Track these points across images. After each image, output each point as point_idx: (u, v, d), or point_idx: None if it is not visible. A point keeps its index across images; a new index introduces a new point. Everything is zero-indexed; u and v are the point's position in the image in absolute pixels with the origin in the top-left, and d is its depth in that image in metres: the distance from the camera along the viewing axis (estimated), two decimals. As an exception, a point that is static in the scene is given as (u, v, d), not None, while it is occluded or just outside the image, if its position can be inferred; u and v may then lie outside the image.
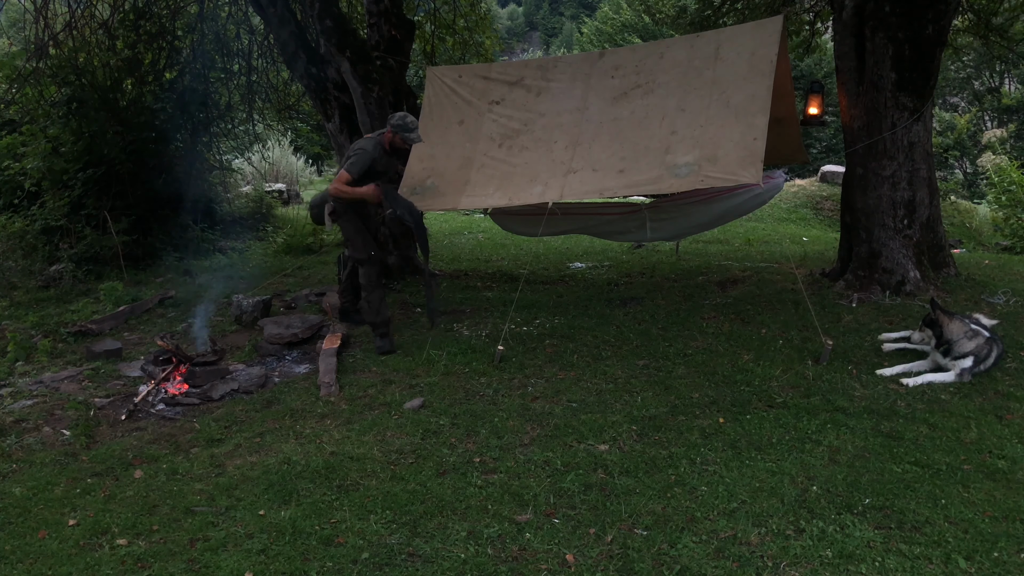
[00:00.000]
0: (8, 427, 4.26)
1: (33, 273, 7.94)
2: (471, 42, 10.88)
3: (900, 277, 5.93)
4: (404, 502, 3.21)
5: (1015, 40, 10.12)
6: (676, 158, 5.37)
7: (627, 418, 3.97)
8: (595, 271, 8.17)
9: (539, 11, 70.33)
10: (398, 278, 7.39)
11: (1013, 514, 2.93)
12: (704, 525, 2.95)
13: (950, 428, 3.68)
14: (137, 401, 4.62)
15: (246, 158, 14.17)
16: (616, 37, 30.90)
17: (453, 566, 2.75)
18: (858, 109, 6.10)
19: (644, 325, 5.57)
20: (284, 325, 5.74)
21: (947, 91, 23.96)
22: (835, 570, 2.63)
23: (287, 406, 4.45)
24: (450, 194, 6.07)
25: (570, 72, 6.26)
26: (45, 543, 3.03)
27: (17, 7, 12.39)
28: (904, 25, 5.75)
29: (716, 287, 6.71)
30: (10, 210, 8.96)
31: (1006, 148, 20.94)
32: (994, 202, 12.45)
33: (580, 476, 3.38)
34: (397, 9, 7.63)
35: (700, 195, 6.02)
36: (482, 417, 4.10)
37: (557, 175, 5.73)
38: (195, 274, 8.44)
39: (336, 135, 7.52)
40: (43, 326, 6.28)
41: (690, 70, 5.75)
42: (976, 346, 4.28)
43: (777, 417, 3.88)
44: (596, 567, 2.72)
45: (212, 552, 2.90)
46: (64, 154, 8.66)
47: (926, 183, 6.08)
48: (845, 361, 4.61)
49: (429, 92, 6.64)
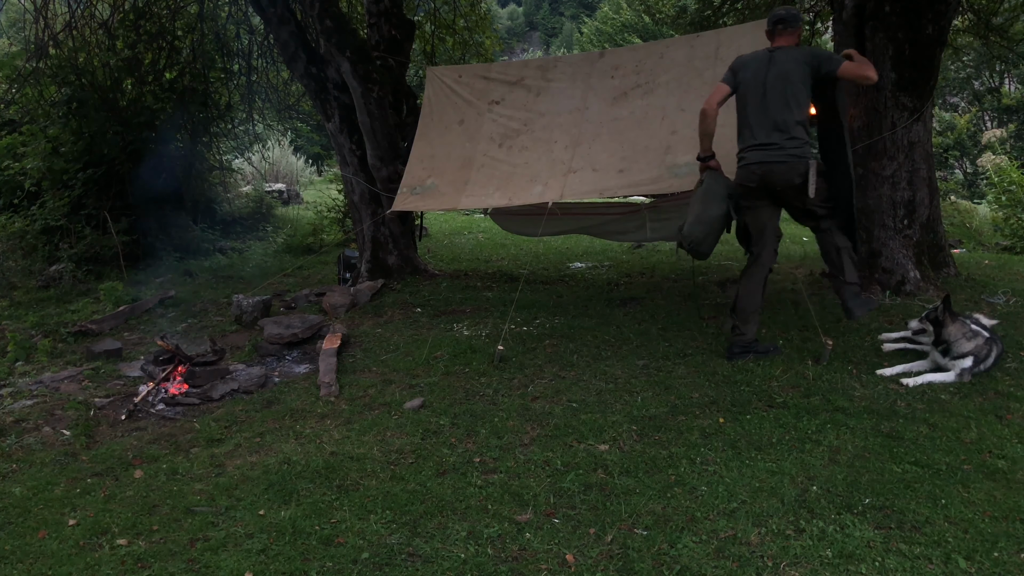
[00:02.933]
0: (8, 427, 4.26)
1: (33, 273, 7.95)
2: (471, 42, 10.89)
3: (900, 277, 5.93)
4: (404, 502, 3.21)
5: (1015, 40, 10.12)
6: (676, 158, 5.38)
7: (627, 418, 3.97)
8: (595, 271, 8.17)
9: (539, 11, 70.33)
10: (398, 278, 7.40)
11: (1013, 514, 2.92)
12: (704, 525, 2.95)
13: (950, 428, 3.68)
14: (137, 401, 4.62)
15: (246, 158, 14.20)
16: (616, 37, 30.92)
17: (453, 566, 2.75)
18: (858, 109, 6.10)
19: (644, 325, 5.57)
20: (284, 325, 5.74)
21: (947, 91, 23.95)
22: (835, 570, 2.63)
23: (287, 406, 4.46)
24: (450, 194, 6.08)
25: (570, 72, 6.28)
26: (45, 543, 3.03)
27: (17, 7, 12.39)
28: (904, 25, 5.75)
29: (716, 287, 6.71)
30: (10, 210, 8.97)
31: (1006, 148, 20.94)
32: (994, 202, 12.44)
33: (580, 476, 3.38)
34: (397, 9, 7.63)
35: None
36: (482, 417, 4.10)
37: (557, 175, 5.74)
38: (195, 274, 8.45)
39: (336, 135, 7.52)
40: (43, 326, 6.28)
41: (690, 70, 5.76)
42: (976, 346, 4.27)
43: (777, 417, 3.88)
44: (596, 567, 2.72)
45: (212, 552, 2.90)
46: (64, 154, 8.67)
47: (926, 183, 6.08)
48: (845, 361, 4.60)
49: (429, 92, 6.65)
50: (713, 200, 4.54)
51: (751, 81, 4.48)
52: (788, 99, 4.38)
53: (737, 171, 4.60)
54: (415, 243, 8.05)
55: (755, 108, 4.45)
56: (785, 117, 4.38)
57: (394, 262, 7.52)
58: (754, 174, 4.47)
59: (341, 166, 7.87)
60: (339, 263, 7.94)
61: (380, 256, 7.48)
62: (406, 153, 6.69)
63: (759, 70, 4.46)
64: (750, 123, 4.48)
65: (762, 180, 4.45)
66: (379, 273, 7.37)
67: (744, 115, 4.53)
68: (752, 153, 4.48)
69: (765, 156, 4.41)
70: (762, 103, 4.42)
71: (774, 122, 4.39)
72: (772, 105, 4.40)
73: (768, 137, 4.40)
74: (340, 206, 11.11)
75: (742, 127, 4.55)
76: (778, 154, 4.38)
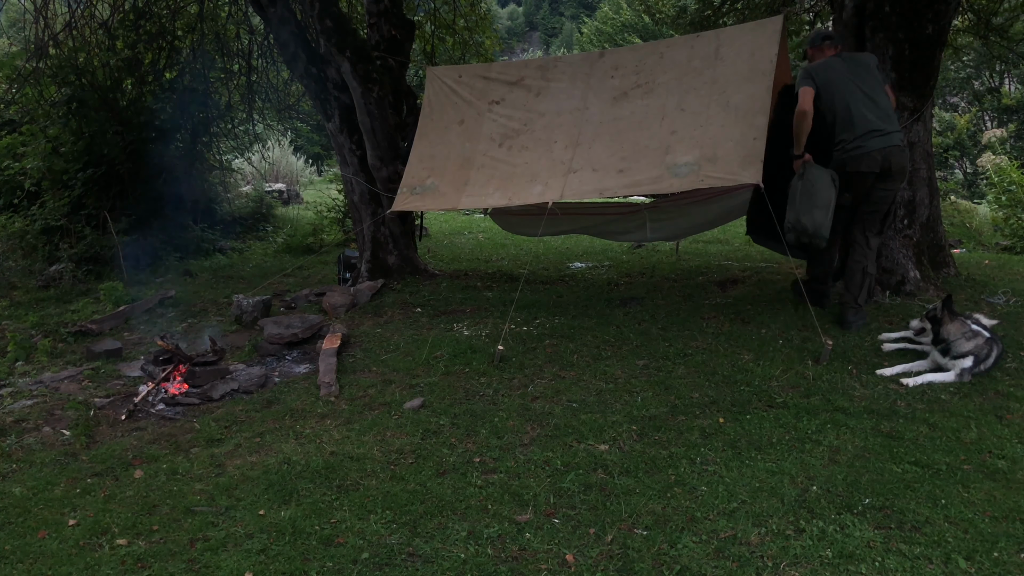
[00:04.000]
0: (8, 427, 4.26)
1: (33, 273, 7.95)
2: (471, 42, 10.89)
3: (900, 277, 5.93)
4: (404, 502, 3.22)
5: (1015, 40, 10.12)
6: (676, 158, 5.37)
7: (627, 418, 3.97)
8: (595, 271, 8.17)
9: (539, 11, 70.34)
10: (398, 278, 7.40)
11: (1013, 514, 2.93)
12: (704, 525, 2.95)
13: (950, 428, 3.68)
14: (137, 401, 4.62)
15: (246, 158, 14.19)
16: (616, 37, 30.93)
17: (453, 566, 2.75)
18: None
19: (644, 325, 5.57)
20: (284, 325, 5.74)
21: (947, 91, 23.93)
22: (835, 570, 2.63)
23: (287, 406, 4.46)
24: (450, 194, 6.07)
25: (570, 72, 6.27)
26: (45, 543, 3.03)
27: (17, 7, 12.40)
28: (904, 25, 5.74)
29: (716, 287, 6.71)
30: (10, 210, 8.98)
31: (1006, 148, 20.92)
32: (994, 202, 12.43)
33: (580, 476, 3.38)
34: (397, 9, 7.63)
35: (700, 195, 6.02)
36: (482, 417, 4.10)
37: (557, 175, 5.73)
38: (195, 274, 8.45)
39: (336, 135, 7.52)
40: (43, 326, 6.28)
41: (690, 70, 5.75)
42: (975, 346, 4.27)
43: (777, 417, 3.88)
44: (596, 567, 2.72)
45: (212, 552, 2.90)
46: (64, 154, 8.67)
47: (926, 183, 6.08)
48: (845, 361, 4.61)
49: (429, 92, 6.64)
50: (823, 187, 4.85)
51: (838, 80, 4.91)
52: (880, 92, 4.92)
53: (850, 160, 4.90)
54: (415, 243, 8.05)
55: (857, 100, 4.85)
56: (887, 106, 4.91)
57: (394, 262, 7.51)
58: (875, 160, 4.83)
59: (341, 166, 7.87)
60: (339, 263, 7.94)
61: (380, 256, 7.48)
62: (406, 153, 6.69)
63: (840, 69, 4.96)
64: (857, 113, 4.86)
65: (883, 164, 4.83)
66: (379, 273, 7.36)
67: (846, 108, 4.89)
68: (872, 140, 4.83)
69: (884, 142, 4.82)
70: (863, 96, 4.86)
71: (884, 111, 4.88)
72: (874, 96, 4.88)
73: (884, 124, 4.84)
74: (340, 206, 11.11)
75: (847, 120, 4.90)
76: (896, 137, 4.88)
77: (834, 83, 4.91)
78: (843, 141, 4.92)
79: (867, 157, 4.84)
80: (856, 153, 4.86)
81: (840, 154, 4.94)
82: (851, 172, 4.91)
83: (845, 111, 4.88)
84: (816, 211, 4.80)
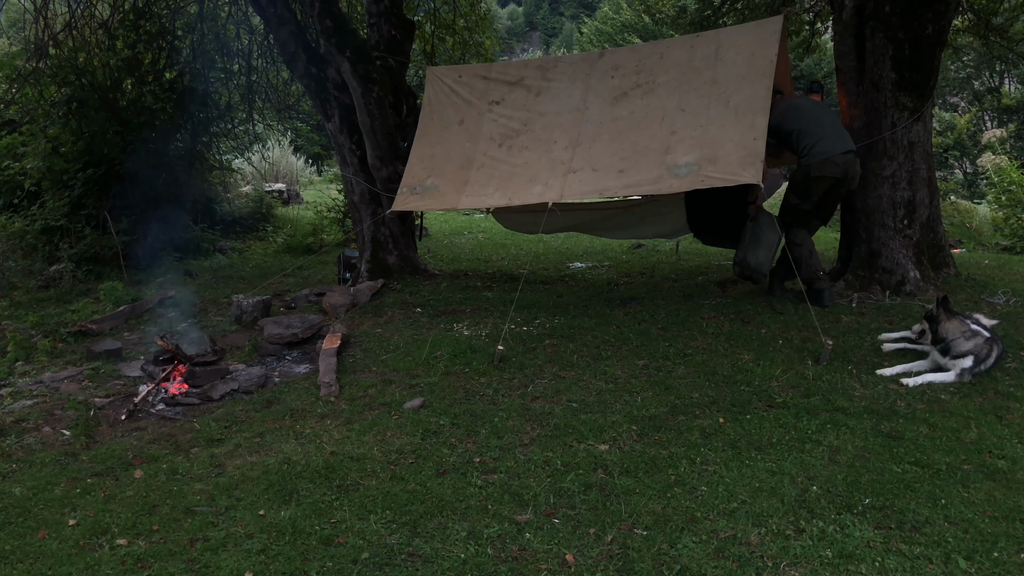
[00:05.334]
0: (8, 427, 4.26)
1: (33, 273, 7.93)
2: (471, 42, 10.89)
3: (900, 277, 5.93)
4: (404, 502, 3.21)
5: (1015, 40, 10.11)
6: (676, 158, 5.38)
7: (627, 418, 3.97)
8: (595, 271, 8.17)
9: (539, 11, 70.30)
10: (398, 278, 7.40)
11: (1013, 514, 2.93)
12: (704, 525, 2.95)
13: (950, 428, 3.68)
14: (137, 401, 4.62)
15: (246, 158, 14.19)
16: (616, 37, 30.90)
17: (453, 566, 2.75)
18: (858, 109, 6.11)
19: (644, 325, 5.57)
20: (284, 325, 5.74)
21: (947, 91, 23.94)
22: (835, 570, 2.63)
23: (287, 406, 4.45)
24: (450, 194, 6.07)
25: (570, 72, 6.27)
26: (45, 543, 3.03)
27: (17, 7, 12.39)
28: (904, 25, 5.75)
29: (716, 287, 6.71)
30: (10, 210, 8.97)
31: (1006, 148, 20.92)
32: (994, 202, 12.44)
33: (580, 476, 3.38)
34: (397, 9, 7.63)
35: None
36: (482, 417, 4.10)
37: (557, 175, 5.74)
38: (195, 274, 8.45)
39: (336, 135, 7.52)
40: (43, 326, 6.27)
41: (690, 70, 5.76)
42: (976, 346, 4.27)
43: (777, 417, 3.88)
44: (596, 567, 2.72)
45: (212, 552, 2.90)
46: (64, 154, 8.66)
47: (926, 183, 6.08)
48: (845, 361, 4.61)
49: (429, 92, 6.64)
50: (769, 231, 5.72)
51: (810, 108, 5.76)
52: (836, 117, 5.93)
53: (816, 166, 5.55)
54: (415, 243, 8.05)
55: (825, 122, 5.63)
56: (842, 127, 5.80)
57: (394, 262, 7.51)
58: (838, 166, 5.52)
59: (341, 166, 7.87)
60: (339, 263, 7.93)
61: (380, 256, 7.47)
62: (406, 153, 6.69)
63: (810, 103, 5.86)
64: (825, 130, 5.58)
65: (844, 171, 5.56)
66: (379, 273, 7.36)
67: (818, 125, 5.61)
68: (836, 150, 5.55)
69: (848, 156, 5.57)
70: (829, 120, 5.69)
71: (842, 130, 5.71)
72: (833, 119, 5.76)
73: (844, 138, 5.61)
74: (340, 206, 11.11)
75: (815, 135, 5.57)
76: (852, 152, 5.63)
77: (804, 109, 5.74)
78: (807, 147, 5.59)
79: (830, 163, 5.52)
80: (820, 160, 5.50)
81: (806, 159, 5.58)
82: (818, 176, 5.55)
83: (814, 128, 5.59)
84: (760, 251, 5.68)
